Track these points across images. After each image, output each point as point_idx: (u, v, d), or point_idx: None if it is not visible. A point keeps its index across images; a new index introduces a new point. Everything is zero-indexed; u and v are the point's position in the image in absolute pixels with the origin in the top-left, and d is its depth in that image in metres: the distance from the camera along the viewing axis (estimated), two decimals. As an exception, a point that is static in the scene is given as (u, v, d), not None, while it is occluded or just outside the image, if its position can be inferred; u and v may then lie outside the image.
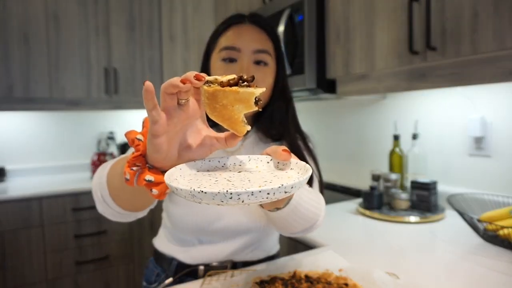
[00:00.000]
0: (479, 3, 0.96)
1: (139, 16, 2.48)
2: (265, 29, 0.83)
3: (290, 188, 0.41)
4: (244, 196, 0.39)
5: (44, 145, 2.53)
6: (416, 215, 1.34)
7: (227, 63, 0.80)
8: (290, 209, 0.64)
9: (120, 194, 0.62)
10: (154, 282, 0.91)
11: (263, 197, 0.40)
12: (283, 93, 0.86)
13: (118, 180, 0.60)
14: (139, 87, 2.51)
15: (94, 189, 0.68)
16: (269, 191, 0.39)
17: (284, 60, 0.86)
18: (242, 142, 0.88)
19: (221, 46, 0.81)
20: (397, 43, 1.19)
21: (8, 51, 2.10)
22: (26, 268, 1.96)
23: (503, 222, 1.05)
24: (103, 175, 0.65)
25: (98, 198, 0.66)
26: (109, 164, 0.67)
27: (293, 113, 0.88)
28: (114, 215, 0.68)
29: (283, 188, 0.40)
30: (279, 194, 0.40)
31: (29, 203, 1.97)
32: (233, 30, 0.82)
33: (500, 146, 1.33)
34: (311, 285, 0.70)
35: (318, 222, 0.77)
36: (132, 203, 0.63)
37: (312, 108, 2.21)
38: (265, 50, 0.81)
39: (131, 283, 2.27)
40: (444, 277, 0.86)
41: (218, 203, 0.40)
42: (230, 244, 0.85)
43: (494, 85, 1.30)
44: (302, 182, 0.43)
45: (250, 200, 0.40)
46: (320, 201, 0.76)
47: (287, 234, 0.77)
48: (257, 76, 0.80)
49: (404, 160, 1.56)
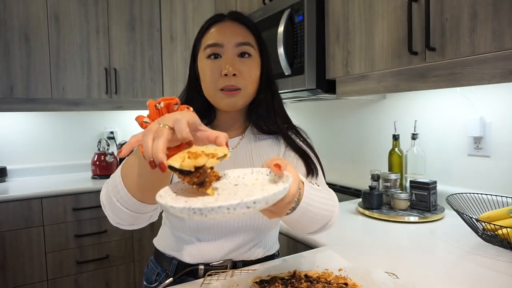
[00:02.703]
0: (478, 3, 0.96)
1: (139, 16, 2.49)
2: (245, 23, 0.85)
3: (252, 204, 0.42)
4: (205, 211, 0.41)
5: (44, 145, 2.53)
6: (415, 215, 1.35)
7: (212, 59, 0.82)
8: (301, 211, 0.63)
9: (132, 176, 0.62)
10: (155, 281, 0.91)
11: (224, 212, 0.41)
12: (268, 85, 0.88)
13: (130, 167, 0.62)
14: (139, 87, 2.51)
15: (106, 199, 0.68)
16: (229, 207, 0.41)
17: (267, 53, 0.88)
18: (240, 139, 0.89)
19: (205, 44, 0.83)
20: (396, 44, 1.19)
21: (9, 52, 2.10)
22: (26, 267, 1.97)
23: (502, 222, 1.05)
24: (115, 178, 0.66)
25: (112, 206, 0.67)
26: (117, 172, 0.67)
27: (279, 104, 0.90)
28: (128, 218, 0.68)
29: (244, 203, 0.41)
30: (241, 209, 0.41)
31: (30, 203, 1.97)
32: (215, 28, 0.84)
33: (499, 146, 1.33)
34: (310, 284, 0.71)
35: (333, 219, 0.76)
36: (142, 185, 0.63)
37: (312, 108, 2.21)
38: (247, 42, 0.83)
39: (131, 283, 2.27)
40: (443, 277, 0.87)
41: (189, 217, 0.42)
42: (229, 242, 0.86)
43: (494, 85, 1.30)
44: (267, 197, 0.43)
45: (211, 216, 0.41)
46: (332, 198, 0.75)
47: (303, 234, 0.78)
48: (242, 69, 0.81)
49: (404, 160, 1.56)
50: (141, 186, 0.62)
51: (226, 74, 0.79)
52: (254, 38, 0.85)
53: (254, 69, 0.84)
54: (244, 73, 0.81)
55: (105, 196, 0.68)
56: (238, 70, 0.81)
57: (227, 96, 0.81)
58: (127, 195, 0.64)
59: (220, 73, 0.80)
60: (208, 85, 0.83)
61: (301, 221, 0.67)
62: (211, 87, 0.82)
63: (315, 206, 0.66)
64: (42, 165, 2.51)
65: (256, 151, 0.89)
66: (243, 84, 0.82)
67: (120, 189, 0.64)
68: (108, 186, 0.68)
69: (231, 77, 0.80)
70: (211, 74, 0.81)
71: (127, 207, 0.65)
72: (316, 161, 0.87)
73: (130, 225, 0.71)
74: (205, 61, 0.83)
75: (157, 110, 0.58)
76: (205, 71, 0.82)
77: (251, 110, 0.90)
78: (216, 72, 0.81)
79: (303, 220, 0.66)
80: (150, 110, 0.57)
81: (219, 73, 0.81)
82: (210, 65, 0.82)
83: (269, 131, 0.89)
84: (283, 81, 1.59)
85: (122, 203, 0.65)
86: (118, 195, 0.65)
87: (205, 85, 0.84)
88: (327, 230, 0.78)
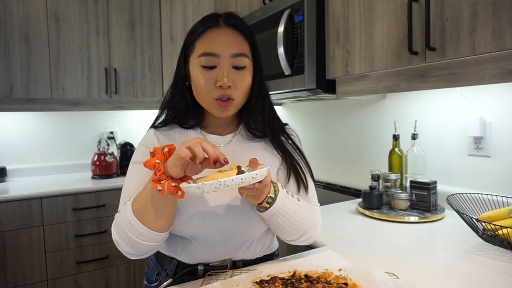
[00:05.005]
0: (478, 3, 0.96)
1: (139, 16, 2.49)
2: (241, 30, 0.85)
3: (240, 180, 0.64)
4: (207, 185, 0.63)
5: (44, 145, 2.53)
6: (415, 215, 1.35)
7: (207, 70, 0.82)
8: (274, 212, 0.79)
9: (149, 214, 0.74)
10: (155, 281, 0.91)
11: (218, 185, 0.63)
12: (259, 90, 0.89)
13: (144, 205, 0.74)
14: (139, 87, 2.51)
15: (121, 239, 0.77)
16: (221, 181, 0.63)
17: (260, 59, 0.89)
18: (231, 139, 0.91)
19: (199, 51, 0.82)
20: (396, 43, 1.19)
21: (9, 52, 2.10)
22: (26, 267, 1.97)
23: (502, 222, 1.05)
24: (126, 217, 0.75)
25: (131, 242, 0.76)
26: (127, 208, 0.76)
27: (269, 106, 0.92)
28: (146, 249, 0.78)
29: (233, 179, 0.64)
30: (230, 183, 0.64)
31: (30, 203, 1.97)
32: (210, 35, 0.83)
33: (500, 146, 1.33)
34: (310, 284, 0.71)
35: (310, 232, 0.86)
36: (159, 218, 0.75)
37: (312, 108, 2.21)
38: (242, 53, 0.83)
39: (131, 283, 2.27)
40: (443, 277, 0.87)
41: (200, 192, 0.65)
42: (227, 242, 0.86)
43: (494, 85, 1.30)
44: (247, 175, 0.65)
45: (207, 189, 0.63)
46: (311, 216, 0.86)
47: (284, 240, 0.87)
48: (236, 80, 0.82)
49: (404, 160, 1.56)
50: (158, 219, 0.74)
51: (221, 86, 0.80)
52: (249, 47, 0.86)
53: (247, 79, 0.85)
54: (238, 84, 0.83)
55: (119, 236, 0.77)
56: (233, 82, 0.82)
57: (222, 107, 0.83)
58: (148, 231, 0.74)
59: (215, 84, 0.81)
60: (202, 94, 0.84)
61: (276, 223, 0.81)
62: (205, 96, 0.83)
63: (288, 213, 0.80)
64: (42, 165, 2.51)
65: (249, 149, 0.90)
66: (237, 94, 0.83)
67: (138, 228, 0.74)
68: (123, 226, 0.76)
69: (226, 88, 0.81)
70: (206, 84, 0.82)
71: (147, 240, 0.75)
72: (305, 166, 0.91)
73: (144, 254, 0.80)
74: (200, 69, 0.83)
75: (164, 154, 0.71)
76: (199, 79, 0.82)
77: (242, 112, 0.92)
78: (211, 82, 0.81)
79: (278, 223, 0.81)
80: (158, 153, 0.70)
81: (213, 83, 0.81)
82: (205, 75, 0.82)
83: (259, 132, 0.91)
84: (283, 81, 1.59)
85: (142, 238, 0.75)
86: (137, 232, 0.74)
87: (198, 92, 0.84)
88: (307, 243, 0.88)
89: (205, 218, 0.82)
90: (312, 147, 2.22)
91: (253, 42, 0.87)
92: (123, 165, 2.52)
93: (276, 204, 0.78)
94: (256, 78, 0.88)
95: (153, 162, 0.69)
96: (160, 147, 0.71)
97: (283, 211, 0.79)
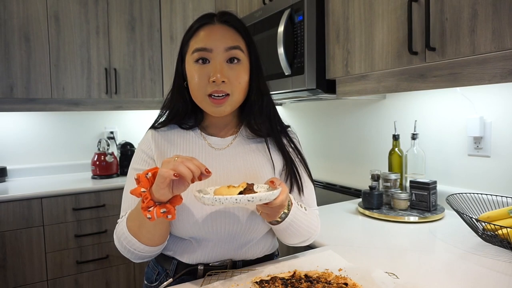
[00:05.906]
0: (478, 3, 0.96)
1: (139, 16, 2.49)
2: (235, 26, 0.84)
3: (251, 198, 0.67)
4: (223, 199, 0.66)
5: (44, 145, 2.53)
6: (415, 215, 1.35)
7: (201, 64, 0.81)
8: (287, 224, 0.80)
9: (142, 233, 0.77)
10: (155, 281, 0.91)
11: (234, 201, 0.67)
12: (258, 87, 0.88)
13: (137, 225, 0.76)
14: (139, 87, 2.52)
15: (123, 250, 0.81)
16: (237, 198, 0.67)
17: (257, 55, 0.87)
18: (232, 141, 0.91)
19: (193, 48, 0.82)
20: (396, 44, 1.19)
21: (9, 52, 2.10)
22: (26, 267, 1.97)
23: (502, 222, 1.05)
24: (123, 232, 0.79)
25: (132, 253, 0.80)
26: (123, 223, 0.80)
27: (270, 105, 0.90)
28: (149, 257, 0.83)
29: (246, 198, 0.67)
30: (244, 201, 0.67)
31: (30, 203, 1.98)
32: (204, 31, 0.83)
33: (499, 146, 1.33)
34: (310, 284, 0.71)
35: (312, 237, 0.90)
36: (153, 237, 0.78)
37: (312, 108, 2.21)
38: (236, 46, 0.82)
39: (131, 283, 2.27)
40: (443, 277, 0.87)
41: (209, 204, 0.68)
42: (228, 244, 0.86)
43: (494, 85, 1.30)
44: (261, 195, 0.67)
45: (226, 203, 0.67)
46: (314, 223, 0.89)
47: (286, 243, 0.90)
48: (230, 75, 0.81)
49: (404, 160, 1.56)
50: (152, 237, 0.78)
51: (214, 81, 0.79)
52: (244, 41, 0.85)
53: (242, 75, 0.83)
54: (232, 80, 0.81)
55: (120, 245, 0.81)
56: (227, 77, 0.80)
57: (215, 104, 0.81)
58: (143, 246, 0.78)
59: (208, 79, 0.80)
60: (195, 90, 0.83)
61: (285, 233, 0.83)
62: (199, 93, 0.82)
63: (298, 224, 0.82)
64: (42, 165, 2.51)
65: (250, 152, 0.90)
66: (231, 89, 0.82)
67: (134, 243, 0.78)
68: (121, 239, 0.79)
69: (219, 83, 0.80)
70: (199, 79, 0.81)
71: (145, 252, 0.80)
72: (305, 171, 0.92)
73: (145, 259, 0.84)
74: (193, 66, 0.82)
75: (147, 179, 0.70)
76: (193, 75, 0.82)
77: (243, 111, 0.91)
78: (204, 77, 0.81)
79: (287, 232, 0.83)
80: (142, 180, 0.69)
81: (207, 79, 0.80)
82: (198, 70, 0.81)
83: (261, 131, 0.90)
84: (283, 81, 1.59)
85: (140, 250, 0.79)
86: (134, 246, 0.78)
87: (192, 89, 0.84)
88: (305, 244, 0.92)
89: (206, 222, 0.82)
90: (312, 147, 2.22)
91: (248, 39, 0.86)
92: (123, 165, 2.52)
93: (289, 218, 0.79)
94: (254, 75, 0.86)
95: (139, 191, 0.68)
96: (143, 173, 0.69)
97: (294, 222, 0.81)
